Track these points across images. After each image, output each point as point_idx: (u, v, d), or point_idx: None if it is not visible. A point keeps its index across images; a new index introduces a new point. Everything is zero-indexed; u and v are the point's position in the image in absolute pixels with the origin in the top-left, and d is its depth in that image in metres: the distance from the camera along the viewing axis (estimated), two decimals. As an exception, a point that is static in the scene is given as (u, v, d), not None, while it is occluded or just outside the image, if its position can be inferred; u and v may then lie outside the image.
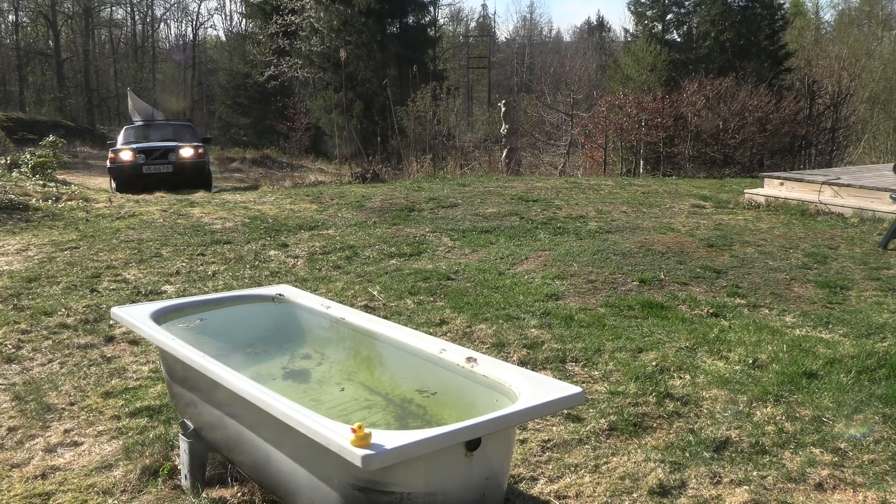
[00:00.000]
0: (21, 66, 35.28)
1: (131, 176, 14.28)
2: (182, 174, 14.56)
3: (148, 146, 14.98)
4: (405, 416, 2.70)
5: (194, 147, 14.97)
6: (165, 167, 14.60)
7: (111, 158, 14.61)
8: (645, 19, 30.84)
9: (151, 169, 14.46)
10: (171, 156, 14.69)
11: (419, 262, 6.49)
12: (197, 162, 14.93)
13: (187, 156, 14.82)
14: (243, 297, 3.63)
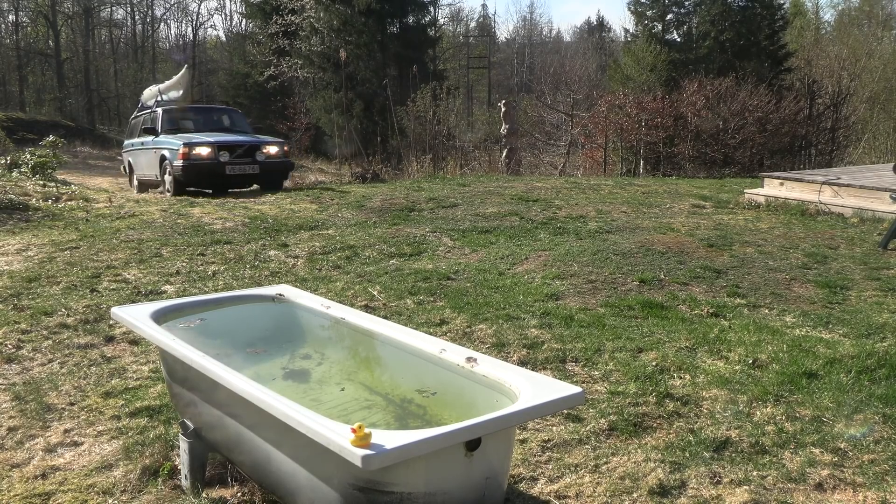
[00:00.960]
0: (21, 66, 35.27)
1: (208, 176, 11.46)
2: (268, 176, 11.99)
3: (228, 140, 11.93)
4: (405, 416, 2.70)
5: (279, 144, 12.40)
6: (251, 167, 11.72)
7: (184, 154, 11.28)
8: (645, 19, 30.83)
9: (236, 170, 11.54)
10: (258, 154, 11.81)
11: (419, 262, 6.49)
12: (284, 162, 12.29)
13: (274, 154, 12.09)
14: (243, 297, 3.63)
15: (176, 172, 11.32)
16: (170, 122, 12.89)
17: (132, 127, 14.75)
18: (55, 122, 27.02)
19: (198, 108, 14.55)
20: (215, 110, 14.72)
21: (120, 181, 16.66)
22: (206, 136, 11.97)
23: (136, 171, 13.88)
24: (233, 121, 13.85)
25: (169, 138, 12.04)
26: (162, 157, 11.93)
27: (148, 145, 12.81)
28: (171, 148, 11.64)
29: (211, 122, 13.50)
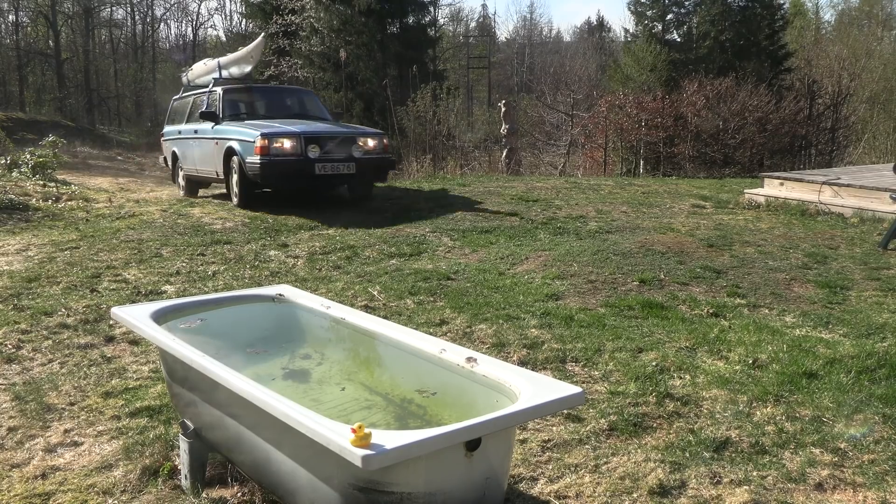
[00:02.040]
0: (21, 66, 35.27)
1: (293, 176, 9.00)
2: (364, 177, 9.58)
3: (318, 131, 9.38)
4: (405, 416, 2.70)
5: (377, 136, 9.78)
6: (346, 165, 9.17)
7: (262, 147, 8.71)
8: (645, 19, 30.83)
9: (327, 168, 9.04)
10: (355, 148, 9.28)
11: (419, 262, 6.49)
12: (384, 158, 9.74)
13: (372, 148, 9.53)
14: (243, 297, 3.63)
15: (251, 170, 8.81)
16: (232, 105, 10.32)
17: (175, 110, 12.15)
18: (55, 122, 27.02)
19: (265, 90, 11.69)
20: (286, 92, 11.95)
21: (120, 181, 16.60)
22: (287, 125, 9.32)
23: (185, 164, 11.36)
24: (307, 105, 11.19)
25: (236, 127, 9.48)
26: (229, 151, 9.33)
27: (204, 134, 10.24)
28: (242, 139, 9.03)
29: (282, 106, 10.93)
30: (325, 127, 9.77)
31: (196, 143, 10.71)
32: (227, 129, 9.62)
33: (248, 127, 9.27)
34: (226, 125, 9.78)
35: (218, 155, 9.71)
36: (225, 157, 9.50)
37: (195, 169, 10.99)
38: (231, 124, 9.70)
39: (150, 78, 39.19)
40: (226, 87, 10.57)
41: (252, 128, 9.12)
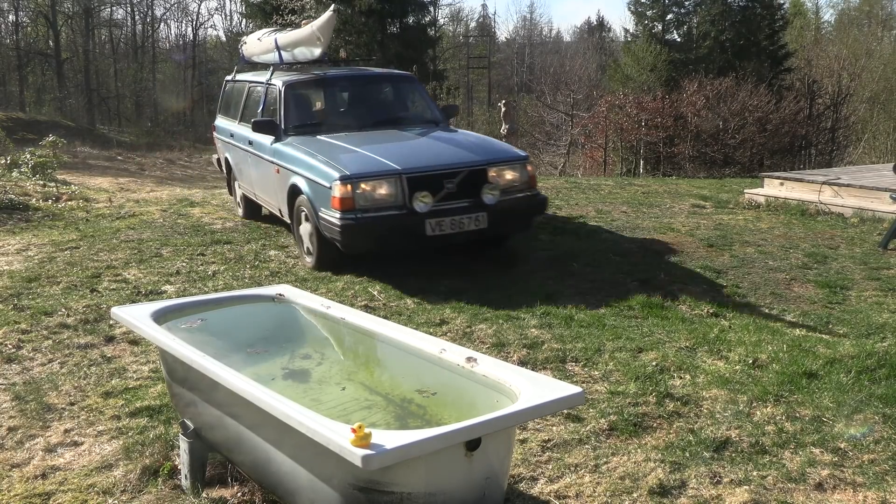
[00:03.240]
0: (21, 66, 35.27)
1: (394, 239, 5.78)
2: (500, 229, 6.16)
3: (430, 165, 5.89)
4: (405, 416, 2.70)
5: (519, 164, 6.19)
6: (474, 220, 5.81)
7: (342, 198, 5.61)
8: (645, 19, 30.84)
9: (445, 226, 5.72)
10: (487, 190, 5.86)
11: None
12: (532, 200, 6.21)
13: (514, 183, 6.11)
14: (243, 297, 3.63)
15: (328, 231, 5.72)
16: (298, 109, 7.11)
17: (229, 96, 8.82)
18: (55, 122, 27.03)
19: (345, 80, 7.73)
20: (376, 82, 7.93)
21: (120, 181, 16.56)
22: (380, 148, 6.12)
23: (242, 181, 8.15)
24: (408, 101, 7.78)
25: (304, 153, 6.22)
26: (293, 190, 6.25)
27: (261, 151, 7.04)
28: (312, 178, 5.93)
29: (371, 105, 7.55)
30: (439, 153, 6.15)
31: (252, 159, 7.39)
32: (289, 152, 6.41)
33: (320, 155, 6.00)
34: (289, 145, 6.51)
35: (280, 188, 6.55)
36: (290, 195, 6.33)
37: (253, 193, 7.77)
38: (297, 145, 6.43)
39: (150, 78, 39.17)
40: (289, 81, 7.11)
41: (326, 158, 5.90)
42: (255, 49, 8.60)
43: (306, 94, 7.52)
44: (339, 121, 7.16)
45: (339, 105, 7.69)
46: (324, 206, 5.76)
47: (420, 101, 7.73)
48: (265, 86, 7.46)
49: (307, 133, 6.72)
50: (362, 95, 7.71)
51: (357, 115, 7.28)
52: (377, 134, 6.80)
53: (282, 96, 6.98)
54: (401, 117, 7.41)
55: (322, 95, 7.68)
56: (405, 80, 7.98)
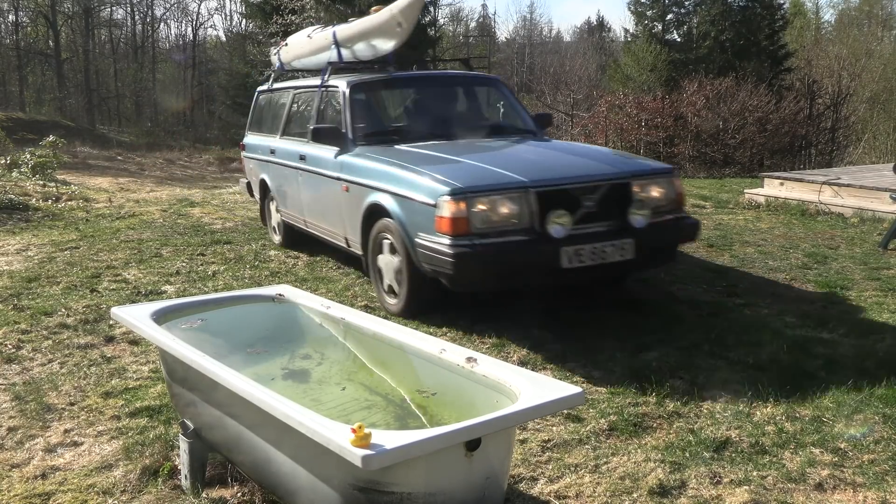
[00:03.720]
0: (21, 66, 35.27)
1: (520, 273, 4.41)
2: (650, 258, 4.85)
3: (566, 177, 4.62)
4: (405, 416, 2.70)
5: (666, 178, 4.90)
6: (619, 248, 4.49)
7: (454, 218, 4.29)
8: (645, 19, 30.82)
9: (586, 256, 4.39)
10: (634, 209, 4.61)
11: (419, 262, 6.48)
12: (681, 223, 4.94)
13: (660, 201, 4.81)
14: (243, 297, 3.63)
15: (434, 262, 4.46)
16: (370, 114, 6.12)
17: (262, 108, 7.70)
18: (55, 122, 27.02)
19: (423, 79, 6.67)
20: (458, 82, 6.75)
21: (120, 181, 16.55)
22: (489, 161, 4.93)
23: (283, 205, 6.90)
24: (494, 106, 6.81)
25: (387, 164, 5.08)
26: (373, 211, 5.09)
27: (319, 166, 5.88)
28: (405, 193, 4.75)
29: (455, 109, 6.50)
30: (570, 162, 4.98)
31: (303, 178, 6.21)
32: (366, 165, 5.23)
33: (415, 165, 4.81)
34: (363, 156, 5.35)
35: (350, 210, 5.40)
36: (365, 219, 5.17)
37: (302, 219, 6.49)
38: (375, 156, 5.26)
39: (150, 78, 39.16)
40: (355, 81, 5.94)
41: (426, 169, 4.70)
42: (300, 50, 7.22)
43: (376, 96, 6.43)
44: (418, 128, 5.87)
45: (417, 110, 6.38)
46: (423, 229, 4.46)
47: (510, 109, 6.52)
48: (319, 90, 6.23)
49: (382, 143, 5.58)
50: (442, 100, 6.48)
51: (440, 122, 6.04)
52: (473, 144, 5.61)
53: (347, 100, 5.78)
54: (491, 126, 6.24)
55: (395, 99, 6.76)
56: (490, 83, 6.87)
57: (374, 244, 5.16)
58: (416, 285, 4.76)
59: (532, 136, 6.02)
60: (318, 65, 6.85)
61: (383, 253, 5.07)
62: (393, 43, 6.07)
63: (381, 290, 5.16)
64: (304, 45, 7.14)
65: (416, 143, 5.52)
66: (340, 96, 5.89)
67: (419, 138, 5.63)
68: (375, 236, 5.13)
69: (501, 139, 5.92)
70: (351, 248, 5.64)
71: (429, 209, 4.44)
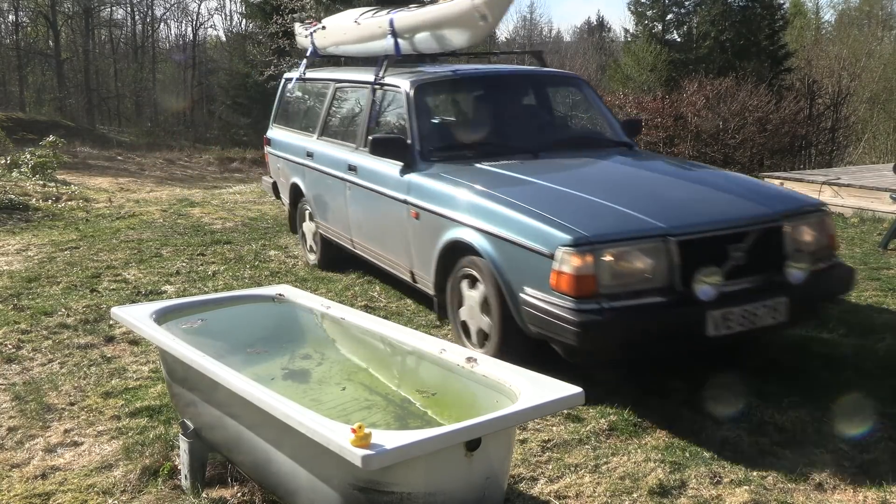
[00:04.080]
0: (21, 66, 35.26)
1: (657, 342, 3.52)
2: (798, 321, 3.92)
3: (707, 224, 3.62)
4: (405, 416, 2.70)
5: (818, 215, 3.97)
6: (772, 309, 3.58)
7: (577, 276, 3.35)
8: (645, 19, 30.82)
9: (734, 321, 3.50)
10: (793, 261, 3.67)
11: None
12: (836, 272, 3.99)
13: (813, 249, 3.84)
14: (243, 297, 3.63)
15: (543, 327, 3.57)
16: (442, 122, 5.28)
17: (292, 101, 6.91)
18: (55, 122, 27.02)
19: (498, 78, 5.53)
20: (538, 81, 5.68)
21: (120, 181, 16.56)
22: (612, 197, 3.84)
23: (322, 218, 5.97)
24: (580, 110, 5.95)
25: (476, 188, 4.13)
26: (454, 248, 4.16)
27: (380, 185, 4.93)
28: (506, 235, 3.76)
29: (539, 115, 5.48)
30: (707, 199, 4.00)
31: (354, 193, 5.28)
32: (443, 191, 4.30)
33: (515, 199, 3.89)
34: (438, 178, 4.42)
35: (421, 242, 4.50)
36: (443, 256, 4.25)
37: (349, 238, 5.53)
38: (454, 179, 4.31)
39: (150, 78, 39.14)
40: (420, 81, 4.97)
41: (531, 205, 3.79)
42: (343, 36, 6.18)
43: (445, 100, 5.47)
44: (498, 141, 4.91)
45: (493, 117, 5.27)
46: (531, 283, 3.59)
47: (597, 114, 5.49)
48: (371, 87, 5.30)
49: (457, 159, 4.62)
50: (521, 103, 5.50)
51: (522, 133, 5.09)
52: (574, 164, 4.71)
53: (412, 104, 4.80)
54: (582, 137, 5.39)
55: (468, 103, 5.49)
56: (572, 81, 5.83)
57: (455, 289, 4.21)
58: (514, 343, 3.79)
59: (628, 149, 5.10)
60: (365, 54, 6.03)
61: (468, 303, 4.11)
62: (470, 37, 5.10)
63: (465, 340, 4.18)
64: (349, 31, 6.05)
65: (498, 160, 4.53)
66: (403, 99, 4.90)
67: (501, 154, 4.66)
68: (457, 279, 4.17)
69: (599, 156, 4.89)
70: (418, 283, 4.68)
71: (540, 259, 3.52)
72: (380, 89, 5.26)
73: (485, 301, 3.96)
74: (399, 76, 5.12)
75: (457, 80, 5.33)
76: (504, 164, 4.49)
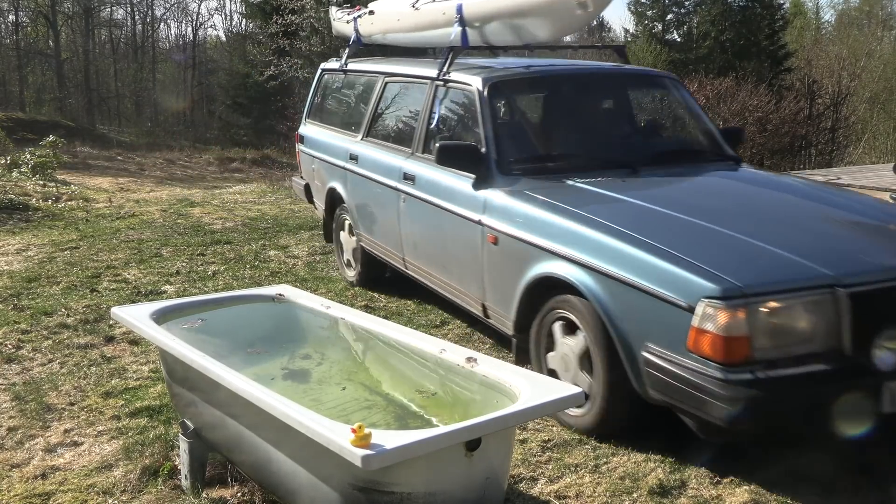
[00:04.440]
0: (21, 66, 35.25)
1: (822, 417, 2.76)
2: None
3: (884, 271, 2.88)
4: (405, 416, 2.71)
5: None
6: None
7: (734, 320, 2.66)
8: (645, 19, 30.85)
9: None
10: None
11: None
12: None
13: None
14: (243, 297, 3.63)
15: (694, 403, 2.81)
16: (522, 133, 4.54)
17: (332, 95, 6.42)
18: (55, 122, 27.00)
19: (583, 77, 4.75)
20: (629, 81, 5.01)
21: (120, 181, 16.53)
22: (754, 231, 3.14)
23: (372, 232, 5.26)
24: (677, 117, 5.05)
25: (571, 212, 3.42)
26: (543, 282, 3.45)
27: (448, 199, 4.18)
28: (617, 274, 3.05)
29: (633, 122, 4.97)
30: (874, 235, 3.43)
31: (409, 206, 4.60)
32: (526, 210, 3.65)
33: (631, 230, 3.18)
34: (522, 198, 3.73)
35: (499, 273, 3.81)
36: (529, 292, 3.57)
37: (400, 257, 4.86)
38: (546, 200, 3.63)
39: (150, 78, 39.14)
40: (495, 79, 4.27)
41: (655, 240, 3.07)
42: (396, 23, 5.49)
43: (525, 102, 4.75)
44: (590, 151, 4.25)
45: (582, 123, 4.52)
46: (658, 339, 2.91)
47: (693, 119, 4.72)
48: (433, 83, 4.60)
49: (542, 173, 3.95)
50: (614, 108, 4.91)
51: (618, 142, 4.54)
52: (690, 184, 4.02)
53: (485, 105, 4.10)
54: (685, 149, 4.65)
55: (551, 105, 4.62)
56: (665, 82, 4.88)
57: (543, 333, 3.53)
58: (623, 408, 3.19)
59: (735, 164, 4.35)
60: (422, 44, 5.44)
61: (560, 350, 3.42)
62: (559, 29, 4.32)
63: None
64: (405, 18, 5.33)
65: (593, 176, 3.84)
66: (474, 99, 4.19)
67: (593, 168, 3.96)
68: (546, 320, 3.50)
69: (716, 175, 4.16)
70: (490, 319, 3.96)
71: (673, 312, 2.82)
72: (443, 86, 4.53)
73: (585, 353, 3.26)
74: (467, 72, 4.38)
75: (537, 79, 4.57)
76: (603, 182, 3.79)
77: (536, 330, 3.57)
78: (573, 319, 3.31)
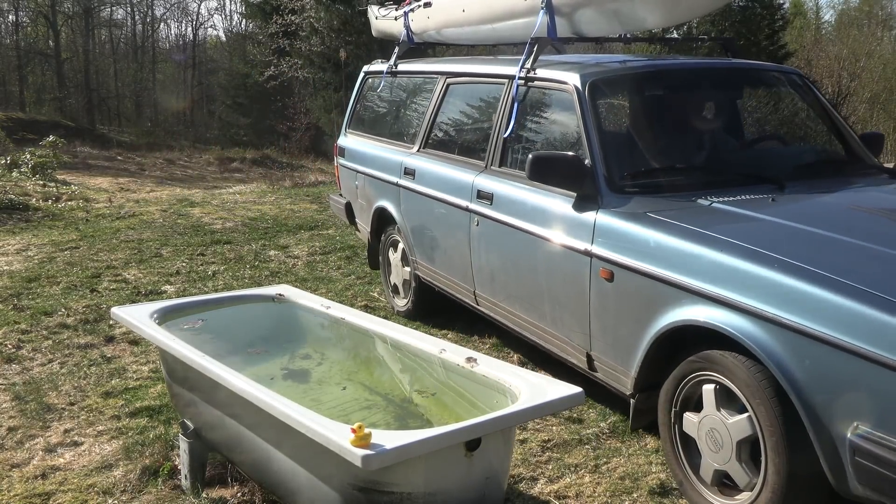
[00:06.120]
0: (21, 66, 35.26)
1: None
2: None
3: None
4: (405, 416, 2.71)
5: None
6: None
7: None
8: (645, 19, 30.84)
9: None
10: None
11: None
12: None
13: None
14: (243, 297, 3.63)
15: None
16: (634, 143, 3.61)
17: (379, 101, 5.59)
18: (55, 122, 27.01)
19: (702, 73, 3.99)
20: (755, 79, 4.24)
21: (120, 181, 16.52)
22: None
23: (431, 263, 4.52)
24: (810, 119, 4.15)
25: (723, 241, 2.62)
26: (677, 334, 2.73)
27: (540, 223, 3.42)
28: (813, 330, 2.24)
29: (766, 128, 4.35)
30: None
31: (486, 230, 3.88)
32: (655, 238, 2.85)
33: (810, 265, 2.39)
34: (641, 219, 2.97)
35: (616, 316, 3.06)
36: (659, 344, 2.82)
37: (470, 291, 4.17)
38: (672, 221, 2.87)
39: (150, 78, 39.15)
40: (598, 75, 3.53)
41: (852, 280, 2.27)
42: (462, 15, 4.66)
43: (635, 103, 3.89)
44: (721, 164, 3.63)
45: (707, 129, 3.81)
46: (872, 420, 2.17)
47: (829, 123, 3.98)
48: (513, 82, 3.86)
49: (664, 190, 3.23)
50: (742, 110, 4.25)
51: (754, 152, 3.92)
52: (853, 201, 3.25)
53: (587, 108, 3.39)
54: (830, 159, 3.92)
55: (666, 108, 3.86)
56: (792, 79, 4.14)
57: (680, 398, 2.81)
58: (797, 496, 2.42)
59: (881, 174, 3.66)
60: (493, 39, 4.77)
61: (707, 425, 2.67)
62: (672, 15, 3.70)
63: (698, 484, 2.76)
64: (472, 8, 4.52)
65: (732, 194, 3.12)
66: (572, 100, 3.45)
67: (727, 184, 3.26)
68: (684, 382, 2.77)
69: (879, 190, 3.43)
70: (598, 374, 3.27)
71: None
72: (525, 86, 3.80)
73: (748, 432, 2.51)
74: (560, 68, 3.65)
75: (650, 76, 3.86)
76: (748, 202, 3.04)
77: (668, 393, 2.83)
78: (728, 385, 2.55)
